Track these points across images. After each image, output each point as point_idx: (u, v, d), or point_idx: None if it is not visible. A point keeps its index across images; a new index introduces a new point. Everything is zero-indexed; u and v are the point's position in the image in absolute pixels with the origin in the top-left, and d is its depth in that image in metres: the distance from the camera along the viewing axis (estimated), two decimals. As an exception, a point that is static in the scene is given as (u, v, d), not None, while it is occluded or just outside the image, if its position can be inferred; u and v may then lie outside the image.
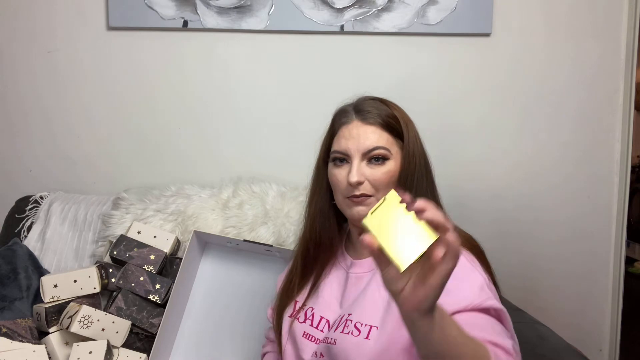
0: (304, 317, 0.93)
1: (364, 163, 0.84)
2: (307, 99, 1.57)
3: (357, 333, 0.80)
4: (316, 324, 0.90)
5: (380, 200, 0.55)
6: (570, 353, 1.06)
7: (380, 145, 0.84)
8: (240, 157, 1.61)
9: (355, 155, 0.84)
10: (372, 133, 0.85)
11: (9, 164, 1.64)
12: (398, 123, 0.86)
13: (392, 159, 0.84)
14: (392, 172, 0.84)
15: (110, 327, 1.15)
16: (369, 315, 0.80)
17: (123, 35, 1.57)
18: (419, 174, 0.84)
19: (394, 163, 0.84)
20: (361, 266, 0.89)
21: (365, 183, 0.84)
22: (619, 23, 1.54)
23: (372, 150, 0.84)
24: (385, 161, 0.84)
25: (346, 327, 0.82)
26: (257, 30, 1.54)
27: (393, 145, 0.85)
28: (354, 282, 0.88)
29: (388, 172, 0.84)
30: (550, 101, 1.56)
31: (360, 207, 0.84)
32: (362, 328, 0.80)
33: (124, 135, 1.61)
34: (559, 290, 1.60)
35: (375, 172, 0.84)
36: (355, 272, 0.89)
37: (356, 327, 0.81)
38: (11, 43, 1.58)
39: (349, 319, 0.83)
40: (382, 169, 0.84)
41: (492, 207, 1.59)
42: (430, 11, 1.52)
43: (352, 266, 0.91)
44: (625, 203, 1.58)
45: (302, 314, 0.93)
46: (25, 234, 1.48)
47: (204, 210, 1.40)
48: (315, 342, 0.88)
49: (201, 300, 1.29)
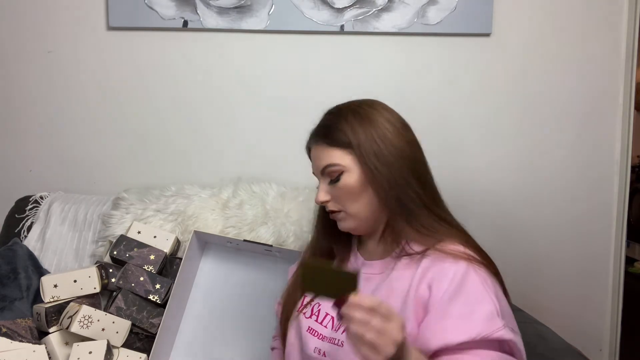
0: (310, 312, 0.93)
1: (327, 182, 0.87)
2: (307, 99, 1.57)
3: None
4: (321, 319, 0.90)
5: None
6: (570, 353, 1.06)
7: (328, 164, 0.85)
8: (240, 157, 1.61)
9: (318, 176, 0.89)
10: (321, 152, 0.86)
11: (9, 164, 1.64)
12: (345, 134, 0.83)
13: (348, 171, 0.83)
14: (350, 184, 0.83)
15: (110, 327, 1.15)
16: None
17: (123, 35, 1.57)
18: (388, 173, 0.82)
19: (350, 175, 0.83)
20: (371, 267, 0.90)
21: (331, 201, 0.87)
22: (619, 23, 1.54)
23: (324, 170, 0.86)
24: (341, 176, 0.84)
25: None
26: (257, 30, 1.54)
27: (344, 157, 0.84)
28: (363, 283, 0.87)
29: (345, 186, 0.84)
30: (550, 101, 1.56)
31: (340, 222, 0.89)
32: None
33: (124, 135, 1.61)
34: (559, 290, 1.60)
35: (334, 190, 0.86)
36: (365, 272, 0.89)
37: None
38: (11, 43, 1.58)
39: None
40: (339, 184, 0.84)
41: (492, 207, 1.59)
42: (430, 11, 1.52)
43: (363, 266, 0.91)
44: (625, 203, 1.58)
45: (308, 309, 0.93)
46: (25, 234, 1.48)
47: (204, 210, 1.40)
48: (318, 337, 0.88)
49: (201, 300, 1.29)
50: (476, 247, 0.84)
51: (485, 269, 0.80)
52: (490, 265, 0.82)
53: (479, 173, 1.59)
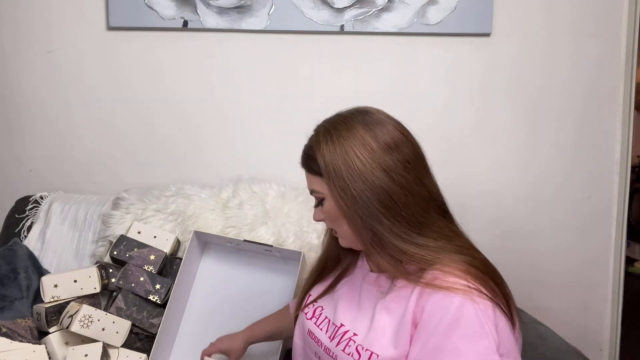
0: (312, 313, 0.93)
1: (315, 204, 0.88)
2: (307, 99, 1.57)
3: (357, 357, 0.79)
4: (320, 323, 0.90)
5: None
6: (570, 353, 1.06)
7: (311, 189, 0.86)
8: (240, 157, 1.61)
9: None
10: (307, 177, 0.87)
11: (9, 164, 1.64)
12: (317, 162, 0.82)
13: (327, 198, 0.83)
14: (331, 210, 0.83)
15: (110, 327, 1.15)
16: (372, 340, 0.79)
17: (123, 35, 1.57)
18: (362, 205, 0.79)
19: (329, 202, 0.83)
20: (373, 280, 0.88)
21: (325, 220, 0.88)
22: (619, 23, 1.54)
23: (311, 194, 0.87)
24: (323, 201, 0.84)
25: (348, 347, 0.81)
26: (257, 30, 1.54)
27: (323, 185, 0.83)
28: (366, 295, 0.87)
29: (327, 211, 0.84)
30: (550, 101, 1.56)
31: (338, 238, 0.89)
32: (363, 353, 0.78)
33: (124, 135, 1.61)
34: (559, 290, 1.60)
35: (322, 213, 0.86)
36: (368, 283, 0.88)
37: (357, 350, 0.79)
38: (11, 43, 1.58)
39: (352, 338, 0.81)
40: (323, 209, 0.85)
41: (492, 207, 1.59)
42: (430, 11, 1.52)
43: (367, 277, 0.90)
44: (625, 203, 1.58)
45: (310, 310, 0.93)
46: (25, 234, 1.48)
47: (204, 210, 1.40)
48: (318, 343, 0.88)
49: (201, 300, 1.29)
50: (480, 269, 0.77)
51: (485, 298, 0.74)
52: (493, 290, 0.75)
53: (478, 173, 1.59)
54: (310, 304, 0.94)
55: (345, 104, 0.91)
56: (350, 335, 0.82)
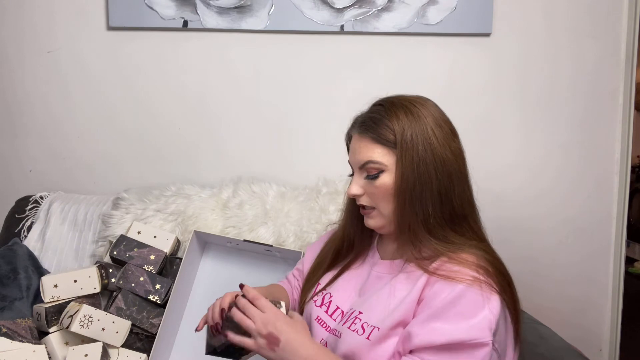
0: (321, 301, 0.93)
1: (364, 176, 0.84)
2: (307, 99, 1.57)
3: (361, 332, 0.81)
4: (331, 312, 0.91)
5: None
6: (570, 353, 1.06)
7: (369, 160, 0.82)
8: (240, 157, 1.61)
9: (355, 168, 0.86)
10: (364, 147, 0.83)
11: (9, 164, 1.64)
12: (393, 132, 0.81)
13: (388, 170, 0.81)
14: (387, 184, 0.81)
15: (110, 327, 1.15)
16: (376, 317, 0.81)
17: (123, 35, 1.57)
18: (422, 182, 0.79)
19: (389, 175, 0.81)
20: (383, 266, 0.89)
21: (364, 196, 0.85)
22: (619, 23, 1.54)
23: (364, 165, 0.83)
24: (380, 174, 0.82)
25: (354, 324, 0.83)
26: (257, 30, 1.54)
27: (387, 156, 0.81)
28: (374, 281, 0.89)
29: (382, 185, 0.82)
30: (550, 101, 1.56)
31: (368, 219, 0.86)
32: (367, 328, 0.81)
33: (124, 135, 1.61)
34: (559, 290, 1.60)
35: (370, 186, 0.83)
36: (377, 270, 0.89)
37: (363, 327, 0.81)
38: (11, 43, 1.58)
39: (358, 317, 0.83)
40: (376, 182, 0.82)
41: (492, 207, 1.59)
42: (430, 11, 1.52)
43: (377, 264, 0.91)
44: (625, 203, 1.58)
45: (320, 298, 0.94)
46: (25, 234, 1.48)
47: (204, 210, 1.40)
48: (326, 329, 0.89)
49: (201, 300, 1.29)
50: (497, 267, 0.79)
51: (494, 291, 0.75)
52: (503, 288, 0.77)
53: (478, 173, 1.59)
54: (319, 292, 0.95)
55: (346, 103, 0.92)
56: (356, 314, 0.84)
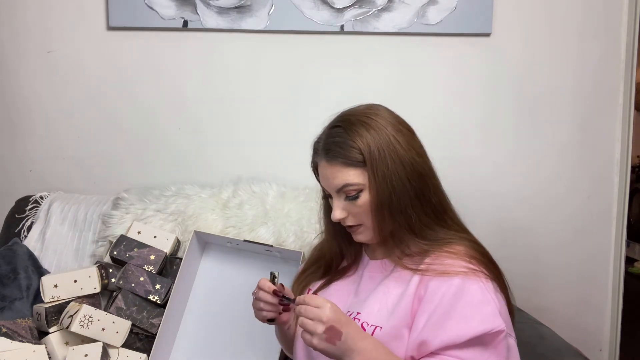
0: None
1: (343, 198, 0.84)
2: (307, 99, 1.57)
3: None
4: None
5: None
6: (570, 353, 1.06)
7: (346, 183, 0.82)
8: (240, 157, 1.61)
9: (332, 194, 0.86)
10: (337, 172, 0.83)
11: (9, 164, 1.64)
12: (360, 152, 0.81)
13: (366, 188, 0.82)
14: (369, 201, 0.82)
15: (110, 327, 1.15)
16: (376, 316, 0.82)
17: (123, 35, 1.57)
18: (398, 193, 0.80)
19: (368, 193, 0.82)
20: (374, 267, 0.90)
21: (349, 216, 0.85)
22: (619, 23, 1.54)
23: (342, 189, 0.83)
24: (360, 193, 0.82)
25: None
26: (257, 30, 1.54)
27: (361, 176, 0.81)
28: (367, 282, 0.89)
29: (364, 204, 0.82)
30: (550, 101, 1.56)
31: (357, 235, 0.88)
32: (368, 328, 0.81)
33: (124, 135, 1.61)
34: (559, 290, 1.60)
35: (352, 207, 0.84)
36: (369, 271, 0.91)
37: (362, 326, 0.82)
38: (11, 43, 1.58)
39: (357, 317, 0.84)
40: (358, 202, 0.83)
41: (492, 207, 1.59)
42: (430, 11, 1.52)
43: (368, 265, 0.92)
44: (625, 203, 1.58)
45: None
46: (25, 234, 1.47)
47: (204, 210, 1.40)
48: None
49: (201, 300, 1.29)
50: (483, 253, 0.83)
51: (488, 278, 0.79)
52: (493, 273, 0.81)
53: (478, 173, 1.59)
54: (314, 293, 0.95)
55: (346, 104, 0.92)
56: (355, 315, 0.84)
